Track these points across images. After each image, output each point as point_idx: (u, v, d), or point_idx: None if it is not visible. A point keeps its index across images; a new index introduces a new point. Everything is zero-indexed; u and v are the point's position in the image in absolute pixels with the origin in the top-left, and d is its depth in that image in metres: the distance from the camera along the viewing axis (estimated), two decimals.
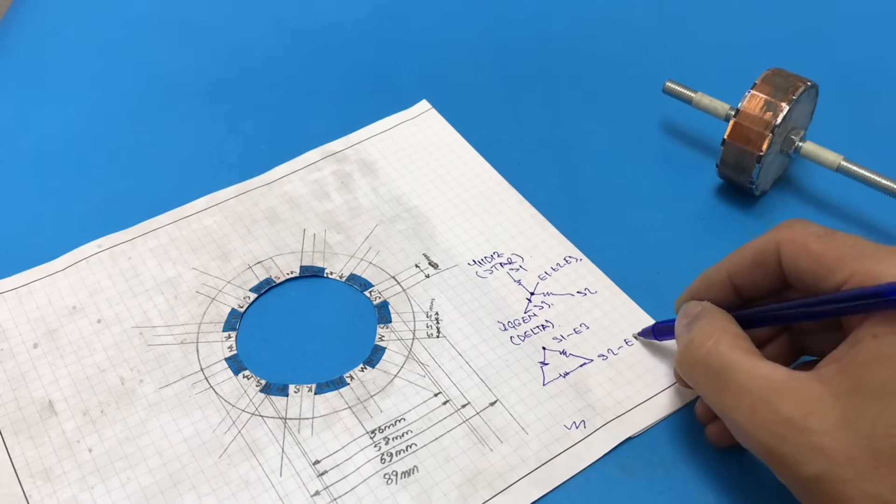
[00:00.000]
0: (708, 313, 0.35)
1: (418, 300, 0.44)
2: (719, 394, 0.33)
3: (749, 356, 0.32)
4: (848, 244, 0.32)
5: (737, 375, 0.32)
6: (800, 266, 0.33)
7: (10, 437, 0.38)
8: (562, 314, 0.43)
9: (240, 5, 0.63)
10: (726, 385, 0.32)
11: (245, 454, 0.37)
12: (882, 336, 0.29)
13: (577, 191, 0.50)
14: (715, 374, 0.33)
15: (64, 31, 0.61)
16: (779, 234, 0.35)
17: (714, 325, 0.34)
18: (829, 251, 0.32)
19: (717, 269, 0.37)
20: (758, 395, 0.31)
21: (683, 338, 0.35)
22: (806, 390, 0.30)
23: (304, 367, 0.41)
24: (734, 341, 0.33)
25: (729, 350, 0.33)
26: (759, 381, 0.31)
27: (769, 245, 0.35)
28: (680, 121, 0.55)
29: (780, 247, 0.34)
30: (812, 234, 0.33)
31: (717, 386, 0.33)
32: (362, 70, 0.58)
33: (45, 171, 0.50)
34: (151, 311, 0.43)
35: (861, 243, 0.32)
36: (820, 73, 0.50)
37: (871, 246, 0.32)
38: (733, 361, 0.32)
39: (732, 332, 0.34)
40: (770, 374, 0.31)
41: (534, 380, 0.40)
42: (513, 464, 0.37)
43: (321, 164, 0.50)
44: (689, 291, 0.38)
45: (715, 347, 0.33)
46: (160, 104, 0.55)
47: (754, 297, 0.36)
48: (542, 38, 0.61)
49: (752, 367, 0.32)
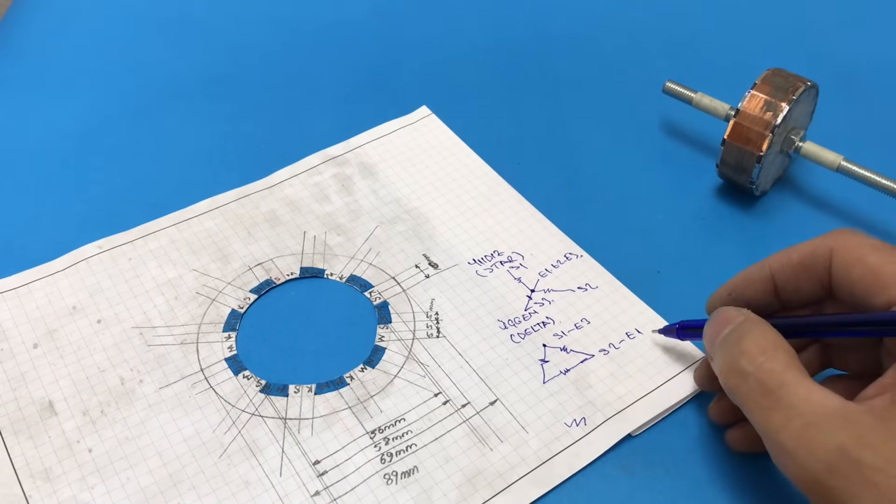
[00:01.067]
0: (755, 324, 0.33)
1: (418, 300, 0.44)
2: (767, 411, 0.31)
3: (804, 378, 0.31)
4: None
5: (789, 396, 0.30)
6: (852, 276, 0.32)
7: (10, 437, 0.38)
8: (562, 310, 0.43)
9: (240, 6, 0.63)
10: (776, 403, 0.30)
11: (245, 454, 0.37)
12: None
13: (577, 191, 0.50)
14: (766, 391, 0.31)
15: (64, 32, 0.61)
16: (832, 241, 0.33)
17: (766, 338, 0.32)
18: (886, 266, 0.31)
19: (761, 266, 0.36)
20: (810, 418, 0.29)
21: (729, 347, 0.33)
22: (861, 421, 0.29)
23: (304, 367, 0.41)
24: (788, 359, 0.31)
25: (783, 368, 0.31)
26: (813, 405, 0.29)
27: (821, 250, 0.33)
28: (680, 121, 0.55)
29: (834, 253, 0.33)
30: (868, 245, 0.32)
31: (766, 403, 0.31)
32: (362, 72, 0.58)
33: (45, 171, 0.50)
34: (151, 312, 0.43)
35: None
36: (820, 73, 0.50)
37: None
38: (787, 380, 0.31)
39: (785, 348, 0.32)
40: (824, 399, 0.30)
41: (534, 378, 0.40)
42: (513, 463, 0.37)
43: (322, 167, 0.50)
44: (726, 286, 0.37)
45: (768, 363, 0.31)
46: (160, 105, 0.55)
47: (793, 302, 0.35)
48: (542, 38, 0.61)
49: (807, 391, 0.30)
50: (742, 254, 0.47)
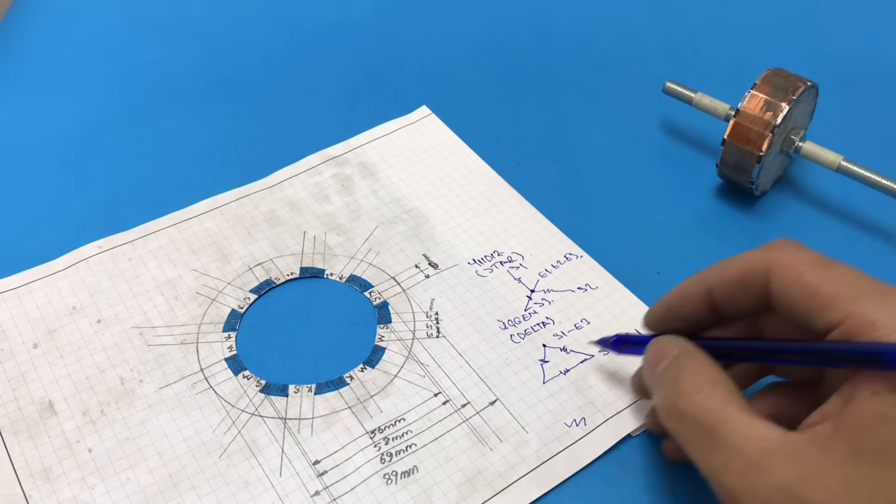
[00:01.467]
0: (690, 358, 0.33)
1: (418, 300, 0.44)
2: (708, 453, 0.30)
3: (743, 413, 0.30)
4: (846, 280, 0.30)
5: (729, 435, 0.29)
6: (791, 295, 0.31)
7: (10, 437, 0.38)
8: (562, 310, 0.43)
9: (240, 6, 0.63)
10: (716, 444, 0.29)
11: (245, 454, 0.37)
12: (882, 394, 0.27)
13: (577, 191, 0.50)
14: (705, 431, 0.30)
15: (64, 32, 0.61)
16: (770, 257, 0.32)
17: (702, 374, 0.31)
18: (826, 285, 0.30)
19: (698, 281, 0.34)
20: (752, 457, 0.28)
21: (665, 386, 0.33)
22: (803, 454, 0.28)
23: (303, 367, 0.41)
24: (726, 395, 0.30)
25: (720, 405, 0.30)
26: (754, 442, 0.29)
27: (759, 266, 0.32)
28: (680, 121, 0.55)
29: (771, 272, 0.32)
30: (807, 261, 0.31)
31: (707, 445, 0.30)
32: (362, 72, 0.58)
33: (45, 171, 0.50)
34: (151, 312, 0.43)
35: (860, 280, 0.30)
36: (820, 73, 0.50)
37: (871, 284, 0.29)
38: (725, 418, 0.29)
39: (723, 383, 0.31)
40: (765, 434, 0.29)
41: (534, 378, 0.40)
42: (512, 463, 0.37)
43: (321, 167, 0.50)
44: (663, 301, 0.36)
45: (705, 402, 0.30)
46: (160, 105, 0.55)
47: (731, 316, 0.34)
48: (542, 38, 0.61)
49: (747, 427, 0.29)
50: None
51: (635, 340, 0.37)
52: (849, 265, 0.31)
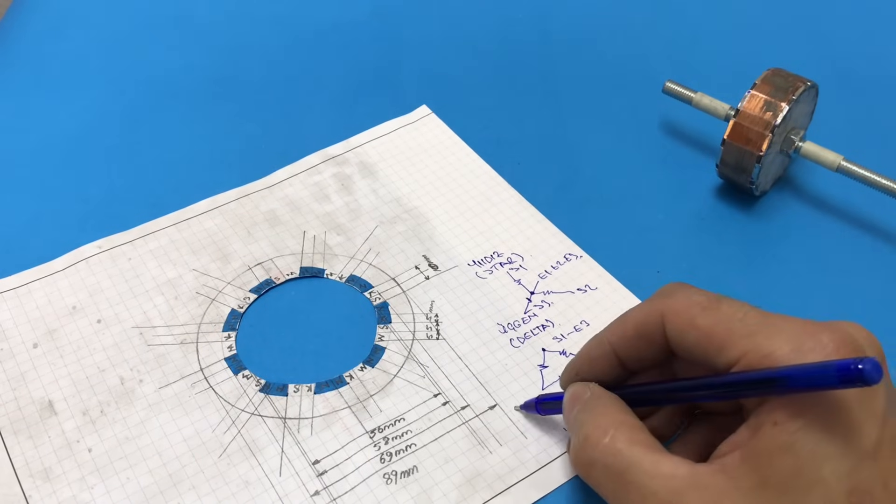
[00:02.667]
0: (597, 401, 0.33)
1: (418, 302, 0.44)
2: (621, 496, 0.30)
3: (649, 452, 0.30)
4: (736, 318, 0.30)
5: (638, 476, 0.29)
6: (687, 341, 0.31)
7: (10, 437, 0.38)
8: (562, 312, 0.43)
9: (240, 6, 0.63)
10: (628, 486, 0.30)
11: (245, 454, 0.37)
12: (783, 423, 0.28)
13: (576, 191, 0.50)
14: (614, 474, 0.30)
15: (64, 32, 0.61)
16: (662, 305, 0.32)
17: (608, 417, 0.32)
18: (717, 326, 0.30)
19: (600, 342, 0.35)
20: (663, 496, 0.29)
21: (576, 431, 0.33)
22: (712, 486, 0.28)
23: (303, 366, 0.41)
24: (632, 435, 0.31)
25: (627, 447, 0.30)
26: (663, 480, 0.29)
27: (652, 317, 0.32)
28: (680, 121, 0.55)
29: (665, 319, 0.32)
30: (697, 304, 0.31)
31: (619, 488, 0.30)
32: (362, 72, 0.58)
33: (45, 171, 0.50)
34: (151, 312, 0.43)
35: (749, 315, 0.30)
36: (820, 73, 0.50)
37: (760, 318, 0.30)
38: (633, 460, 0.30)
39: (629, 423, 0.31)
40: (673, 471, 0.29)
41: (533, 384, 0.40)
42: (512, 466, 0.37)
43: (321, 167, 0.50)
44: (572, 366, 0.36)
45: (612, 445, 0.30)
46: (161, 105, 0.55)
47: (641, 368, 0.35)
48: (542, 38, 0.61)
49: (654, 466, 0.29)
50: (742, 254, 0.47)
51: (556, 398, 0.37)
52: (739, 301, 0.31)
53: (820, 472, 0.27)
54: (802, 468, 0.27)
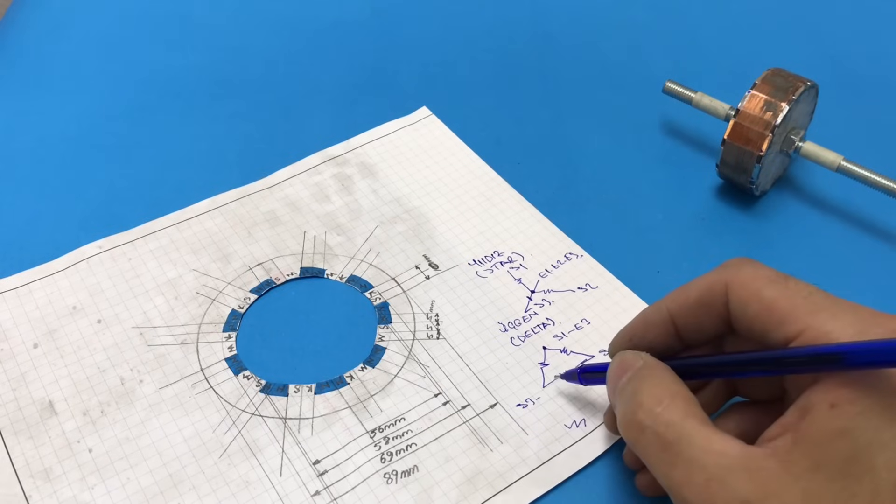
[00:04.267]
0: (652, 371, 0.32)
1: (418, 301, 0.44)
2: (668, 466, 0.29)
3: (703, 427, 0.29)
4: (802, 294, 0.30)
5: (689, 449, 0.29)
6: (748, 312, 0.31)
7: (10, 437, 0.38)
8: (562, 311, 0.43)
9: (240, 6, 0.63)
10: (677, 458, 0.29)
11: (245, 454, 0.37)
12: (840, 405, 0.27)
13: (576, 191, 0.50)
14: (665, 444, 0.30)
15: (64, 32, 0.61)
16: (727, 275, 0.32)
17: (662, 387, 0.31)
18: (782, 300, 0.30)
19: (658, 308, 0.34)
20: (713, 472, 0.28)
21: (627, 398, 0.32)
22: (763, 469, 0.28)
23: (303, 366, 0.41)
24: (686, 408, 0.30)
25: (681, 419, 0.30)
26: (714, 457, 0.28)
27: (717, 286, 0.32)
28: (680, 121, 0.55)
29: (729, 289, 0.32)
30: (763, 277, 0.31)
31: (667, 458, 0.30)
32: (363, 72, 0.58)
33: (45, 171, 0.50)
34: (151, 312, 0.43)
35: (815, 294, 0.30)
36: (820, 73, 0.50)
37: (826, 299, 0.30)
38: (685, 432, 0.29)
39: (683, 396, 0.31)
40: (725, 449, 0.29)
41: (534, 382, 0.40)
42: (513, 463, 0.37)
43: (322, 167, 0.50)
44: (626, 331, 0.36)
45: (665, 415, 0.30)
46: (160, 105, 0.55)
47: (696, 340, 0.34)
48: (542, 38, 0.61)
49: (707, 441, 0.29)
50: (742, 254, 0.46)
51: (599, 370, 0.37)
52: (804, 281, 0.31)
53: (874, 460, 0.27)
54: (857, 455, 0.27)
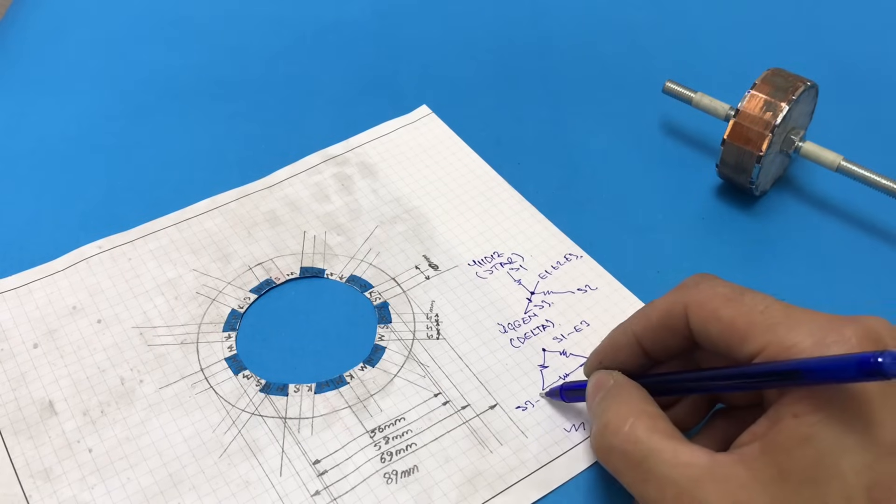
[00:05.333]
0: (620, 389, 0.33)
1: (418, 302, 0.44)
2: (641, 484, 0.30)
3: (669, 441, 0.30)
4: (758, 310, 0.30)
5: (657, 464, 0.30)
6: (710, 332, 0.31)
7: (10, 437, 0.38)
8: (562, 312, 0.43)
9: (240, 6, 0.63)
10: (647, 475, 0.30)
11: (245, 454, 0.37)
12: (803, 416, 0.28)
13: (576, 191, 0.50)
14: (634, 462, 0.30)
15: (64, 31, 0.61)
16: (686, 296, 0.33)
17: (629, 405, 0.32)
18: (739, 318, 0.30)
19: (624, 331, 0.35)
20: (683, 485, 0.29)
21: (597, 418, 0.33)
22: (731, 477, 0.28)
23: (303, 366, 0.41)
24: (652, 423, 0.31)
25: (647, 435, 0.30)
26: (682, 469, 0.29)
27: (676, 307, 0.33)
28: (680, 121, 0.55)
29: (688, 311, 0.32)
30: (721, 296, 0.32)
31: (638, 476, 0.30)
32: (362, 72, 0.58)
33: (45, 171, 0.50)
34: (151, 312, 0.43)
35: (772, 308, 0.30)
36: (820, 73, 0.50)
37: (782, 311, 0.30)
38: (653, 448, 0.30)
39: (649, 412, 0.31)
40: (692, 460, 0.29)
41: (533, 384, 0.40)
42: (512, 466, 0.37)
43: (321, 167, 0.50)
44: (596, 354, 0.36)
45: (632, 433, 0.31)
46: (160, 105, 0.55)
47: (665, 357, 0.35)
48: (543, 38, 0.61)
49: (674, 454, 0.29)
50: (742, 254, 0.47)
51: (580, 387, 0.37)
52: (762, 293, 0.31)
53: (839, 465, 0.27)
54: (821, 460, 0.27)
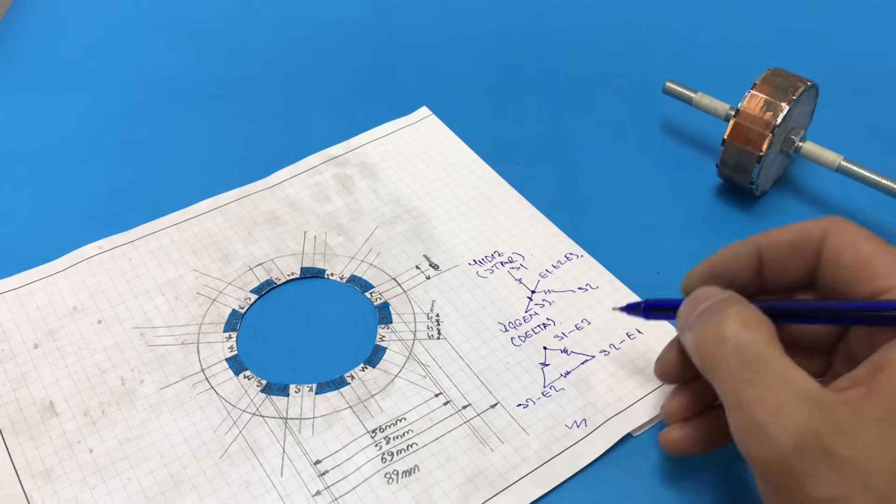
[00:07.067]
0: (738, 300, 0.33)
1: (419, 301, 0.44)
2: (743, 384, 0.30)
3: (783, 356, 0.30)
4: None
5: (767, 370, 0.29)
6: (842, 261, 0.32)
7: (11, 438, 0.38)
8: (563, 311, 0.43)
9: (240, 6, 0.63)
10: (753, 376, 0.29)
11: (246, 454, 0.37)
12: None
13: (577, 191, 0.50)
14: (744, 361, 0.30)
15: (64, 32, 0.61)
16: (828, 224, 0.33)
17: (750, 312, 0.32)
18: (879, 256, 0.31)
19: (748, 242, 0.35)
20: (788, 396, 0.28)
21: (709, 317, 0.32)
22: (836, 409, 0.28)
23: (304, 367, 0.41)
24: (770, 336, 0.31)
25: (764, 342, 0.30)
26: (791, 383, 0.29)
27: (814, 231, 0.33)
28: (680, 121, 0.55)
29: (827, 236, 0.32)
30: (864, 234, 0.32)
31: (743, 375, 0.30)
32: (363, 72, 0.58)
33: (45, 171, 0.50)
34: (152, 312, 0.43)
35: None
36: (820, 73, 0.50)
37: None
38: (767, 355, 0.30)
39: (769, 325, 0.31)
40: (803, 381, 0.29)
41: (534, 382, 0.40)
42: (514, 463, 0.37)
43: (322, 167, 0.50)
44: (709, 261, 0.36)
45: (752, 335, 0.30)
46: (160, 105, 0.55)
47: (775, 284, 0.35)
48: (543, 38, 0.61)
49: (787, 369, 0.29)
50: None
51: (668, 305, 0.37)
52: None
53: None
54: None
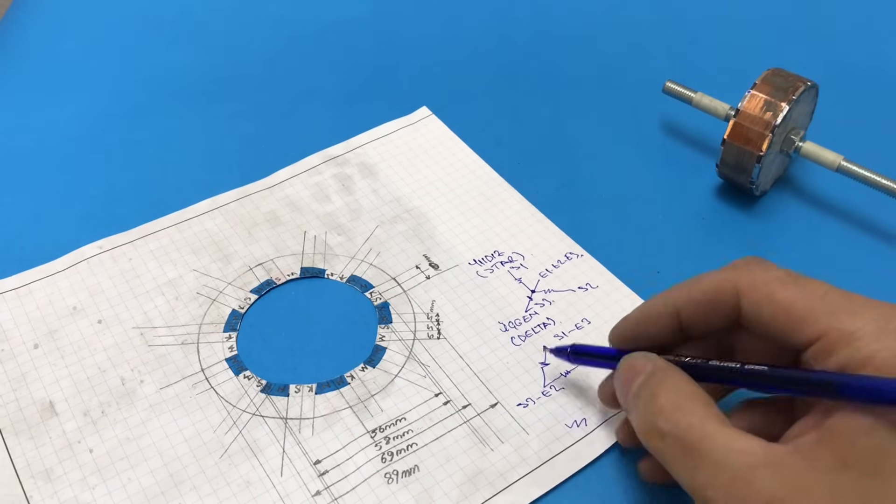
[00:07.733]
0: (666, 373, 0.32)
1: (419, 301, 0.44)
2: (691, 471, 0.29)
3: (723, 427, 0.29)
4: (818, 294, 0.30)
5: (712, 450, 0.29)
6: (763, 315, 0.31)
7: (11, 438, 0.38)
8: (563, 311, 0.43)
9: (240, 6, 0.63)
10: (700, 461, 0.29)
11: (246, 454, 0.37)
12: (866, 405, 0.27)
13: (576, 191, 0.50)
14: (687, 448, 0.29)
15: (64, 32, 0.61)
16: (737, 276, 0.32)
17: (679, 390, 0.31)
18: (798, 302, 0.30)
19: (664, 301, 0.34)
20: (737, 471, 0.28)
21: (643, 404, 0.32)
22: (788, 466, 0.28)
23: (304, 367, 0.41)
24: (705, 410, 0.30)
25: (701, 421, 0.30)
26: (738, 455, 0.28)
27: (726, 285, 0.32)
28: (680, 121, 0.55)
29: (740, 292, 0.32)
30: (775, 280, 0.31)
31: (690, 462, 0.29)
32: (363, 72, 0.58)
33: (45, 171, 0.50)
34: (152, 312, 0.43)
35: (832, 293, 0.30)
36: (820, 73, 0.50)
37: (843, 297, 0.30)
38: (706, 434, 0.29)
39: (702, 399, 0.31)
40: (747, 447, 0.28)
41: (534, 382, 0.40)
42: (513, 463, 0.37)
43: (322, 167, 0.50)
44: (627, 322, 0.36)
45: (685, 418, 0.30)
46: (160, 105, 0.55)
47: (701, 334, 0.34)
48: (543, 38, 0.61)
49: (729, 441, 0.29)
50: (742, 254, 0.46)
51: (593, 351, 0.37)
52: (818, 280, 0.31)
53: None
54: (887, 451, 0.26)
